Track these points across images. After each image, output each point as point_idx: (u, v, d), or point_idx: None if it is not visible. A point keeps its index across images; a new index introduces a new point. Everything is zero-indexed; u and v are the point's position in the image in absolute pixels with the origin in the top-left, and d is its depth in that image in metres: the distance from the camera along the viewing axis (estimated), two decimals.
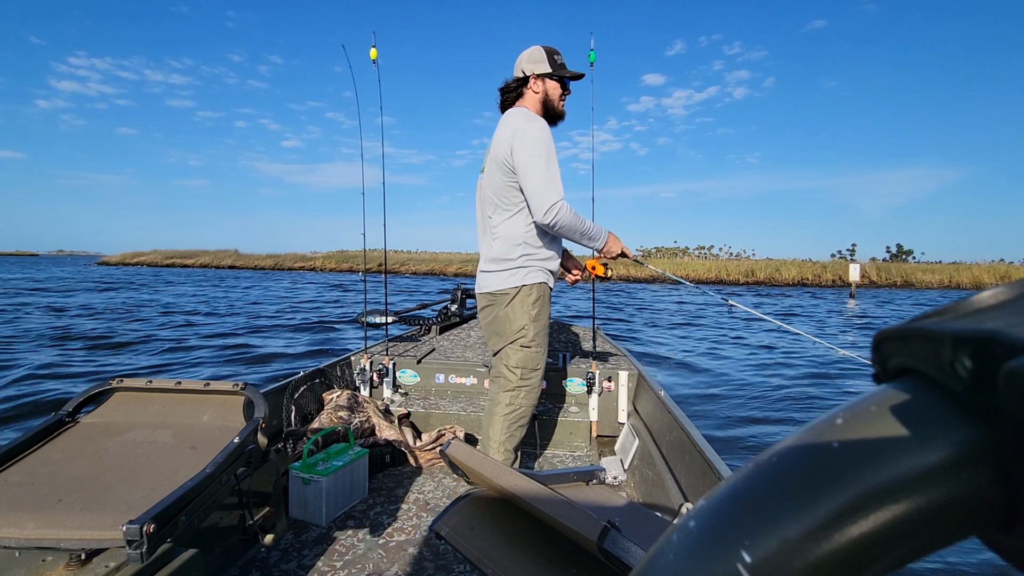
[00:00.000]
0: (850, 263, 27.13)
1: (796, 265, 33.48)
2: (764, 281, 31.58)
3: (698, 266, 35.54)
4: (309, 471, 1.78)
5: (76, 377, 5.48)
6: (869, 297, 21.90)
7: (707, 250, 54.55)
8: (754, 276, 32.30)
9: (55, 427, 1.26)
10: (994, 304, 0.17)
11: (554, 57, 1.88)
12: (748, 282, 31.65)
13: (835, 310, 15.47)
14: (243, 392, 1.41)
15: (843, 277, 29.51)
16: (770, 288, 28.03)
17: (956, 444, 0.16)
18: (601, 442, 2.62)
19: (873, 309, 16.15)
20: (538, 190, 1.71)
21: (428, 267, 39.54)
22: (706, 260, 42.77)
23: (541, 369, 1.90)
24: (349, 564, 1.56)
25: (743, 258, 46.40)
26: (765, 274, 32.27)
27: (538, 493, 0.82)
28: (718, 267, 34.66)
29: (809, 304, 17.68)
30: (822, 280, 30.95)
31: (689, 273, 33.50)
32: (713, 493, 0.19)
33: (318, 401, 2.41)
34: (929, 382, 0.18)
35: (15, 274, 30.43)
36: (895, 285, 30.66)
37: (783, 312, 14.28)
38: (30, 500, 1.00)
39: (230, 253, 50.59)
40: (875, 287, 29.80)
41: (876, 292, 25.90)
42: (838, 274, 30.89)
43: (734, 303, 2.27)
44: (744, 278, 32.24)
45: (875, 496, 0.16)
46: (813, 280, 31.13)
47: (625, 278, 32.82)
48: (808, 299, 19.73)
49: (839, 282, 30.04)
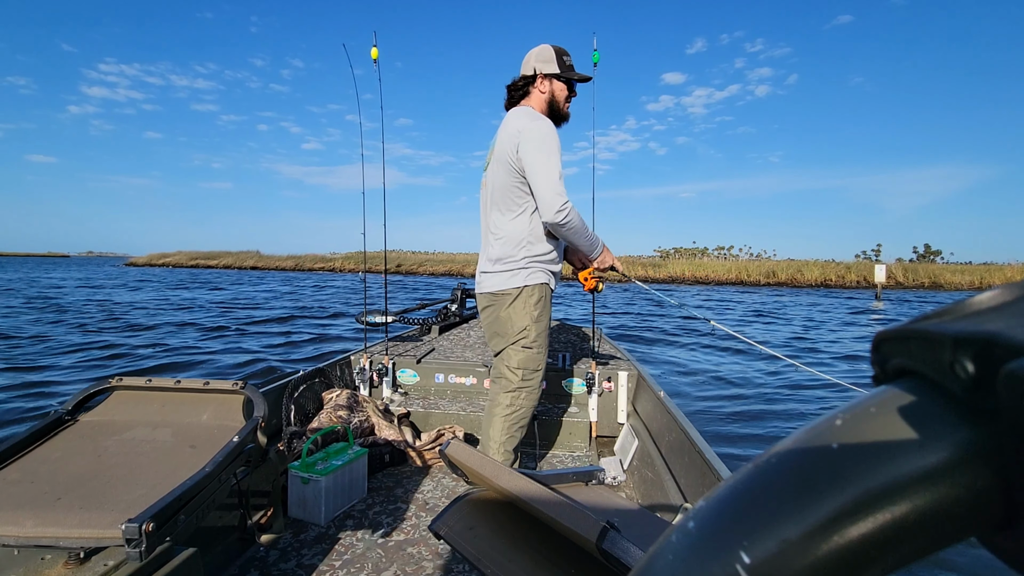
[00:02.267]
0: (875, 264, 26.41)
1: (819, 266, 32.71)
2: (785, 282, 30.92)
3: (717, 267, 34.97)
4: (308, 470, 1.79)
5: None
6: (896, 299, 21.29)
7: (727, 251, 53.67)
8: (775, 277, 31.65)
9: (54, 425, 1.26)
10: (994, 306, 0.17)
11: (563, 58, 1.87)
12: (769, 283, 31.03)
13: (860, 311, 15.09)
14: (242, 391, 1.41)
15: (868, 278, 28.73)
16: (792, 289, 27.45)
17: (955, 445, 0.16)
18: (600, 442, 2.61)
19: (900, 311, 15.70)
20: (548, 190, 1.69)
21: (446, 268, 39.71)
22: (726, 261, 42.07)
23: (542, 370, 1.90)
24: (348, 563, 1.56)
25: (764, 259, 45.55)
26: (787, 275, 31.59)
27: (537, 493, 0.82)
28: (738, 268, 34.05)
29: (829, 304, 17.30)
30: (846, 281, 30.17)
31: (708, 274, 33.00)
32: (712, 494, 0.19)
33: (317, 400, 2.43)
34: (929, 383, 0.17)
35: (72, 273, 31.82)
36: (923, 286, 29.73)
37: (801, 314, 13.96)
38: (29, 498, 1.00)
39: (252, 254, 51.46)
40: (902, 288, 28.96)
41: (903, 294, 25.17)
42: (863, 275, 30.07)
43: (715, 323, 2.23)
44: (765, 279, 31.62)
45: (874, 497, 0.16)
46: (836, 281, 30.36)
47: (643, 278, 32.49)
48: (830, 300, 19.27)
49: (864, 283, 29.25)
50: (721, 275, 32.57)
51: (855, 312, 14.69)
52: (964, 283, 29.65)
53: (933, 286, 29.66)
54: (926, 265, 36.77)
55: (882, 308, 16.21)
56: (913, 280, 30.50)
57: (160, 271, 40.45)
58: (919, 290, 28.28)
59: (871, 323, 12.28)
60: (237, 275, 34.35)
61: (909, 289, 28.73)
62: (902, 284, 30.10)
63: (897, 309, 16.29)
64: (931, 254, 50.24)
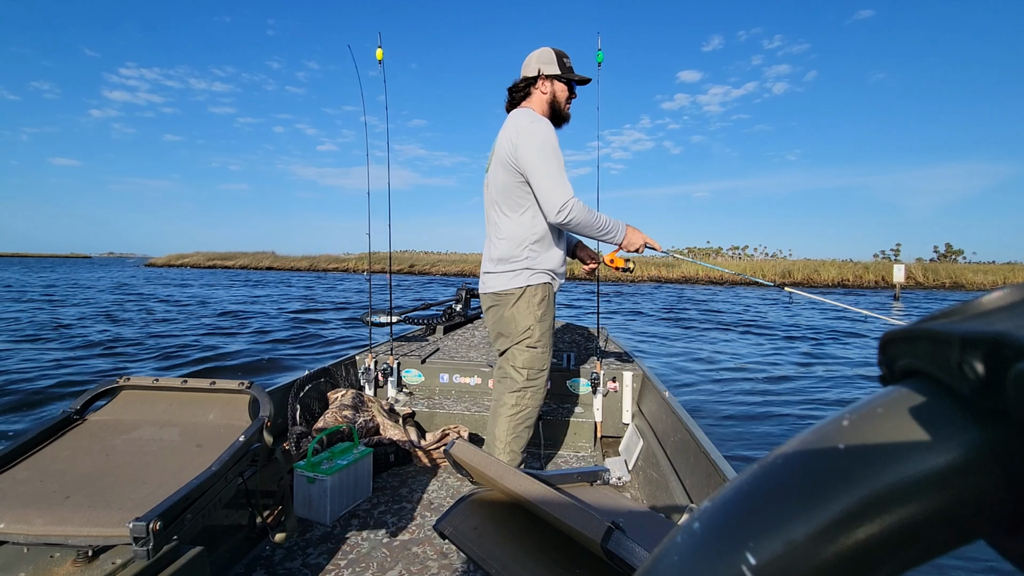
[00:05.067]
0: (894, 263, 25.90)
1: (836, 266, 32.19)
2: (801, 282, 30.45)
3: (731, 267, 34.60)
4: (314, 470, 1.80)
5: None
6: (915, 299, 20.85)
7: (741, 250, 53.01)
8: (791, 277, 31.19)
9: (63, 425, 1.27)
10: (1003, 305, 0.17)
11: (563, 60, 1.89)
12: (784, 283, 30.58)
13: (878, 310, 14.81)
14: (248, 391, 1.41)
15: (886, 278, 28.19)
16: (808, 289, 27.01)
17: (964, 447, 0.16)
18: (605, 443, 2.60)
19: (919, 312, 15.38)
20: (548, 190, 1.71)
21: (458, 268, 39.87)
22: (740, 260, 41.58)
23: (547, 370, 1.90)
24: (353, 563, 1.57)
25: (779, 258, 44.92)
26: (802, 275, 31.12)
27: (542, 493, 0.82)
28: (752, 267, 33.64)
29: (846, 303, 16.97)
30: (863, 281, 29.63)
31: (722, 275, 32.66)
32: (718, 494, 0.19)
33: (323, 400, 2.45)
34: (936, 384, 0.17)
35: (100, 274, 32.63)
36: (943, 286, 29.07)
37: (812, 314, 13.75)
38: (38, 497, 1.01)
39: (267, 255, 52.06)
40: (921, 288, 28.35)
41: (922, 294, 24.63)
42: (881, 275, 29.53)
43: (791, 290, 2.21)
44: (780, 279, 31.19)
45: (881, 499, 0.16)
46: (854, 281, 29.84)
47: (656, 279, 32.26)
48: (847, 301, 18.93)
49: (882, 283, 28.71)
50: (735, 275, 32.19)
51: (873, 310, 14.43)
52: (986, 283, 28.90)
53: (954, 286, 28.99)
54: (947, 265, 35.96)
55: (901, 308, 15.87)
56: (933, 280, 29.85)
57: (206, 272, 41.00)
58: (939, 290, 27.65)
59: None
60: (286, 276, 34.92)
61: (929, 289, 28.10)
62: (922, 284, 29.48)
63: (917, 309, 15.97)
64: (952, 253, 49.09)
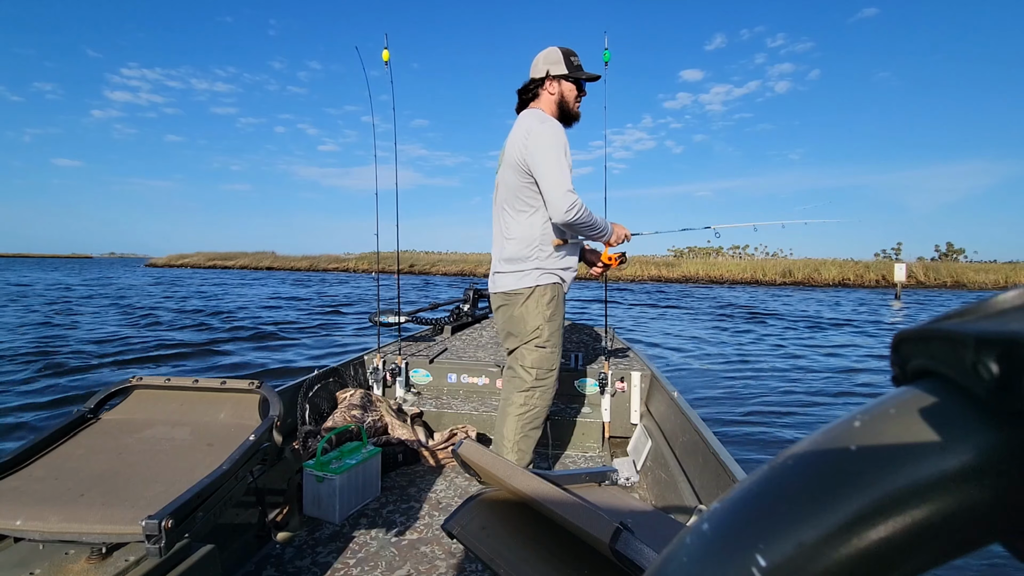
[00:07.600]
0: (895, 263, 25.88)
1: (837, 265, 32.14)
2: (802, 281, 30.45)
3: (732, 266, 34.56)
4: (323, 469, 1.81)
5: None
6: (916, 298, 20.86)
7: (742, 250, 53.07)
8: (792, 276, 31.19)
9: (77, 423, 1.29)
10: (1019, 305, 0.17)
11: (571, 59, 1.89)
12: (785, 282, 30.59)
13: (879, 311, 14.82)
14: (258, 390, 1.43)
15: (887, 277, 28.16)
16: (809, 288, 27.03)
17: (978, 448, 0.16)
18: (613, 443, 2.60)
19: (920, 311, 15.38)
20: (555, 190, 1.72)
21: (459, 268, 39.86)
22: (741, 260, 41.60)
23: (556, 370, 1.91)
24: (362, 561, 1.58)
25: (780, 257, 44.93)
26: (803, 274, 31.10)
27: (550, 494, 0.82)
28: (753, 267, 33.63)
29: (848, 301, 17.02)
30: (864, 280, 29.61)
31: (723, 273, 32.65)
32: (727, 495, 0.19)
33: (332, 400, 2.46)
34: (950, 385, 0.17)
35: (114, 274, 32.79)
36: (945, 286, 29.06)
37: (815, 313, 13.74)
38: (54, 495, 1.03)
39: (268, 255, 52.08)
40: (923, 288, 28.35)
41: (924, 293, 24.64)
42: (882, 274, 29.52)
43: (717, 226, 2.33)
44: (781, 278, 31.19)
45: (894, 501, 0.16)
46: (855, 280, 29.81)
47: (656, 278, 32.27)
48: (849, 300, 18.94)
49: (883, 282, 28.68)
50: (736, 274, 32.20)
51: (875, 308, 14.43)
52: (988, 282, 28.92)
53: (956, 285, 28.99)
54: (948, 264, 35.96)
55: (902, 307, 15.88)
56: (935, 279, 29.84)
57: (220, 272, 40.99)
58: (941, 289, 27.66)
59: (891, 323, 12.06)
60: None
61: (931, 288, 28.10)
62: (923, 283, 29.47)
63: (919, 308, 15.98)
64: (954, 252, 49.07)
